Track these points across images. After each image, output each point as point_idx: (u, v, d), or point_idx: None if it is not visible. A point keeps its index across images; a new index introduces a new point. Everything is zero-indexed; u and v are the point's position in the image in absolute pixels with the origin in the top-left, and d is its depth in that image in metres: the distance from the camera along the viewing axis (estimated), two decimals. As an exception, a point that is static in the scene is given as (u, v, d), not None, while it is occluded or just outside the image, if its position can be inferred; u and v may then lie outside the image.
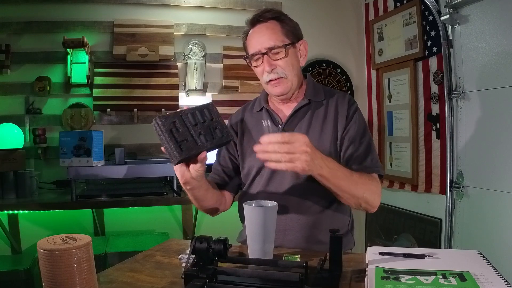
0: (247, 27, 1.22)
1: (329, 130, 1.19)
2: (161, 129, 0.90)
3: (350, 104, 1.21)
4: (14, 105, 2.41)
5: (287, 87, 1.19)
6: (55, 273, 0.68)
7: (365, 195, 1.07)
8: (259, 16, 1.18)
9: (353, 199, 1.07)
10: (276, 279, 0.78)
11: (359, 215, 2.82)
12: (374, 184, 1.10)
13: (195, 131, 0.94)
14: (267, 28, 1.17)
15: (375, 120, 2.75)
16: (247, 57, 1.21)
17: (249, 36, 1.21)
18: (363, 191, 1.07)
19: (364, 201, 1.08)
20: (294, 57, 1.20)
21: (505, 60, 1.79)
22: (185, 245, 1.16)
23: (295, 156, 0.92)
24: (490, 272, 0.76)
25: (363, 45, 2.86)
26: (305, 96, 1.23)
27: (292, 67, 1.18)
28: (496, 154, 1.85)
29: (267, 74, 1.17)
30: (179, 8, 2.61)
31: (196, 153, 0.95)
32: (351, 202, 1.09)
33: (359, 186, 1.06)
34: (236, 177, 1.30)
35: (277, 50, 1.15)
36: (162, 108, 2.50)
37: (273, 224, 0.93)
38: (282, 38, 1.17)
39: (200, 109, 0.98)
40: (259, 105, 1.29)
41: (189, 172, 1.00)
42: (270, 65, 1.16)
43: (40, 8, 2.42)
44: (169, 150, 0.90)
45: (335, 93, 1.25)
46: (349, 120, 1.19)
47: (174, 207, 2.58)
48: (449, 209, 2.09)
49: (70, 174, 2.03)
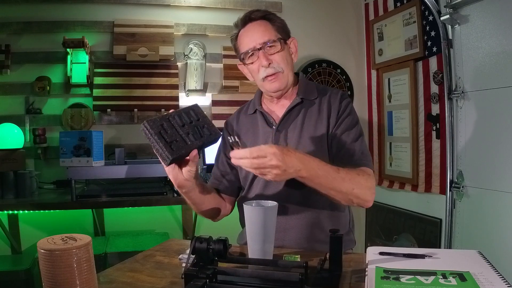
0: (236, 29, 1.22)
1: (323, 128, 1.18)
2: (150, 132, 0.91)
3: (342, 99, 1.21)
4: (14, 105, 2.41)
5: (284, 82, 1.19)
6: (55, 273, 0.68)
7: (354, 191, 1.05)
8: (249, 17, 1.19)
9: (342, 195, 1.05)
10: (276, 279, 0.78)
11: (359, 215, 2.82)
12: (365, 178, 1.08)
13: (183, 131, 0.96)
14: (259, 25, 1.18)
15: (375, 120, 2.75)
16: (241, 56, 1.21)
17: (240, 36, 1.21)
18: (351, 187, 1.04)
19: (355, 196, 1.06)
20: (288, 52, 1.21)
21: (505, 60, 1.79)
22: (185, 245, 1.16)
23: (265, 170, 0.92)
24: (490, 272, 0.76)
25: (363, 45, 2.86)
26: (297, 94, 1.23)
27: (287, 62, 1.19)
28: (496, 154, 1.85)
29: (263, 70, 1.17)
30: (179, 8, 2.61)
31: (186, 152, 0.96)
32: (340, 198, 1.07)
33: (346, 182, 1.03)
34: (236, 181, 1.30)
35: (272, 44, 1.16)
36: (162, 108, 2.50)
37: (273, 224, 0.93)
38: (275, 33, 1.18)
39: (186, 111, 1.00)
40: (253, 107, 1.29)
41: (182, 174, 1.00)
42: (267, 59, 1.15)
43: (40, 8, 2.42)
44: (160, 151, 0.92)
45: (328, 91, 1.25)
46: (340, 114, 1.19)
47: (174, 207, 2.58)
48: (449, 209, 2.09)
49: (70, 174, 2.03)
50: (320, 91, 1.25)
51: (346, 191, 1.04)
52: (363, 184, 1.07)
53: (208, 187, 1.25)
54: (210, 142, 1.03)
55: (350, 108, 1.21)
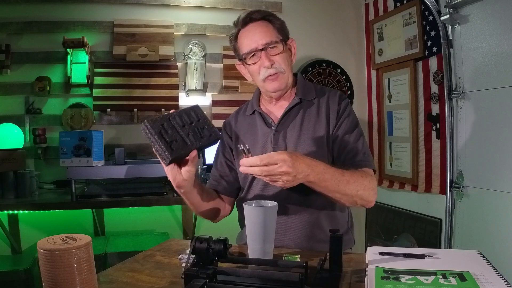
0: (236, 28, 1.22)
1: (322, 128, 1.19)
2: (151, 132, 0.91)
3: (340, 100, 1.22)
4: (14, 105, 2.41)
5: (284, 82, 1.19)
6: (55, 273, 0.68)
7: (359, 193, 1.06)
8: (250, 17, 1.19)
9: (347, 197, 1.06)
10: (276, 279, 0.78)
11: (359, 215, 2.82)
12: (368, 179, 1.09)
13: (183, 132, 0.96)
14: (260, 26, 1.18)
15: (375, 120, 2.75)
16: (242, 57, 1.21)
17: (240, 36, 1.21)
18: (356, 189, 1.05)
19: (359, 198, 1.07)
20: (288, 53, 1.21)
21: (505, 60, 1.79)
22: (185, 245, 1.16)
23: (276, 177, 0.93)
24: (490, 272, 0.76)
25: (363, 45, 2.86)
26: (296, 95, 1.23)
27: (288, 63, 1.20)
28: (496, 154, 1.85)
29: (265, 70, 1.17)
30: (179, 8, 2.61)
31: (186, 152, 0.96)
32: (345, 201, 1.08)
33: (351, 184, 1.04)
34: (235, 182, 1.30)
35: (274, 45, 1.16)
36: (162, 108, 2.49)
37: (273, 224, 0.93)
38: (276, 34, 1.18)
39: (186, 111, 1.01)
40: (251, 108, 1.30)
41: (181, 175, 1.00)
42: (269, 60, 1.16)
43: (40, 8, 2.42)
44: (160, 151, 0.92)
45: (326, 91, 1.25)
46: (340, 116, 1.19)
47: (174, 207, 2.58)
48: (449, 209, 2.09)
49: (70, 174, 2.03)
50: (319, 91, 1.25)
51: (351, 193, 1.05)
52: (367, 186, 1.08)
53: (207, 188, 1.25)
54: (210, 143, 1.03)
55: (349, 109, 1.21)
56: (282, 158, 0.92)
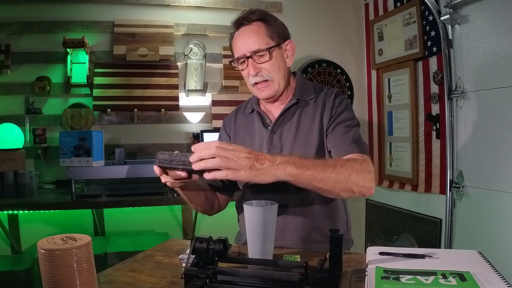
0: (232, 29, 1.21)
1: (317, 126, 1.18)
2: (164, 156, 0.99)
3: (336, 96, 1.20)
4: (14, 105, 2.41)
5: (274, 90, 1.19)
6: (55, 273, 0.68)
7: (351, 177, 0.98)
8: (243, 18, 1.18)
9: (340, 185, 0.98)
10: (276, 279, 0.78)
11: (359, 215, 2.81)
12: (358, 162, 1.02)
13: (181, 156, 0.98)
14: (251, 31, 1.16)
15: (375, 120, 2.75)
16: (233, 61, 1.21)
17: (234, 39, 1.21)
18: (347, 173, 0.98)
19: (354, 184, 0.99)
20: (280, 58, 1.18)
21: (505, 60, 1.79)
22: (185, 245, 1.16)
23: (231, 163, 0.87)
24: (490, 272, 0.76)
25: (363, 45, 2.87)
26: (293, 95, 1.23)
27: (278, 69, 1.17)
28: (496, 154, 1.85)
29: (252, 77, 1.17)
30: (179, 8, 2.61)
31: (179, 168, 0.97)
32: (339, 190, 0.99)
33: (338, 168, 0.97)
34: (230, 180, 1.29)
35: (262, 53, 1.15)
36: (162, 108, 2.50)
37: (273, 224, 0.93)
38: (266, 41, 1.16)
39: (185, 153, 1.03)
40: (251, 106, 1.30)
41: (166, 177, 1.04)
42: (255, 68, 1.16)
43: (40, 8, 2.42)
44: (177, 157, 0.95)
45: (324, 90, 1.24)
46: (334, 110, 1.18)
47: (174, 207, 2.58)
48: (449, 209, 2.09)
49: (70, 174, 2.03)
50: (317, 90, 1.25)
51: (344, 179, 0.98)
52: (359, 169, 1.00)
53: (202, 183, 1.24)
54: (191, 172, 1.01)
55: (344, 104, 1.19)
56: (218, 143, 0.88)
